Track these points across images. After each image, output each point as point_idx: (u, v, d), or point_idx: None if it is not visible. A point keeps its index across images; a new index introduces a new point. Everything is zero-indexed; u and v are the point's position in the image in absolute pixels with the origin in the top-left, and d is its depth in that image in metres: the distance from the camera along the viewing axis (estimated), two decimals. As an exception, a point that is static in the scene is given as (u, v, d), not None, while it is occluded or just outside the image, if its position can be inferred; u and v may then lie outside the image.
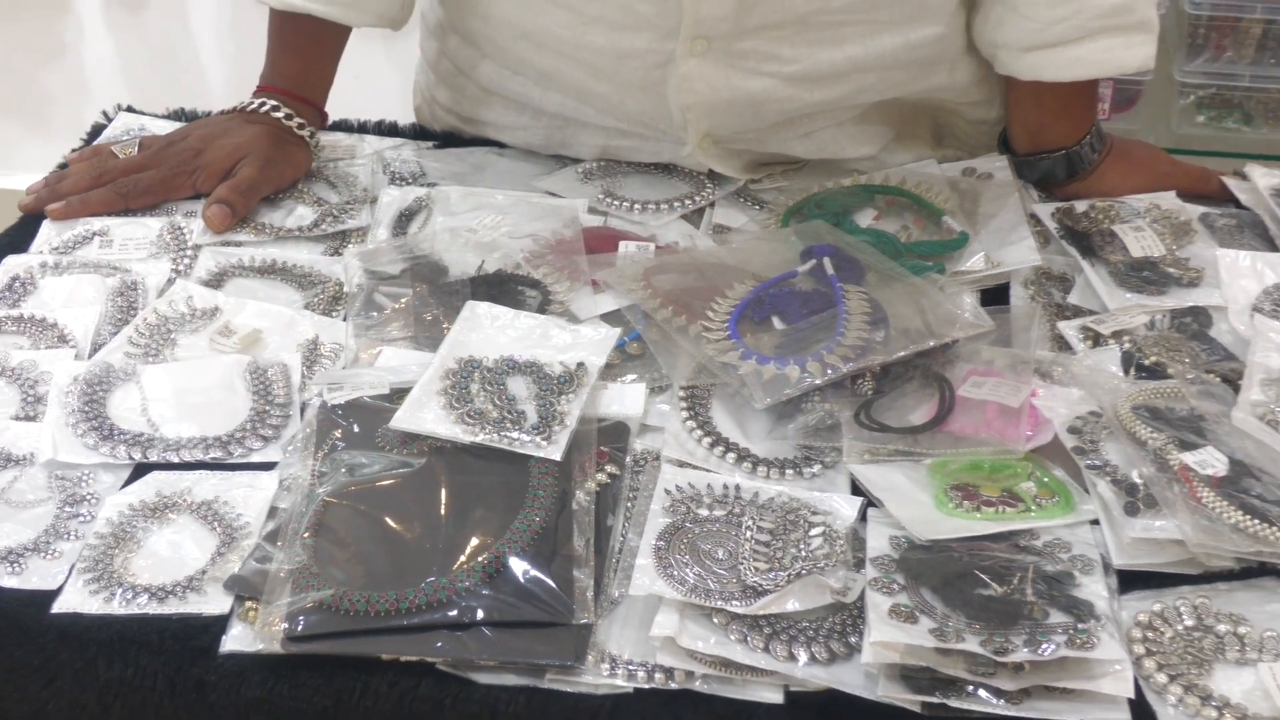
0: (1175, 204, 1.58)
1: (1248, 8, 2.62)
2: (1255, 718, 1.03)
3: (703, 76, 1.52)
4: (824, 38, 1.52)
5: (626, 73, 1.55)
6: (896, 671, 1.05)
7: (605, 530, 1.17)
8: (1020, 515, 1.17)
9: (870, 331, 1.30)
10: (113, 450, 1.24)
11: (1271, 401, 1.28)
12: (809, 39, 1.52)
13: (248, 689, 1.06)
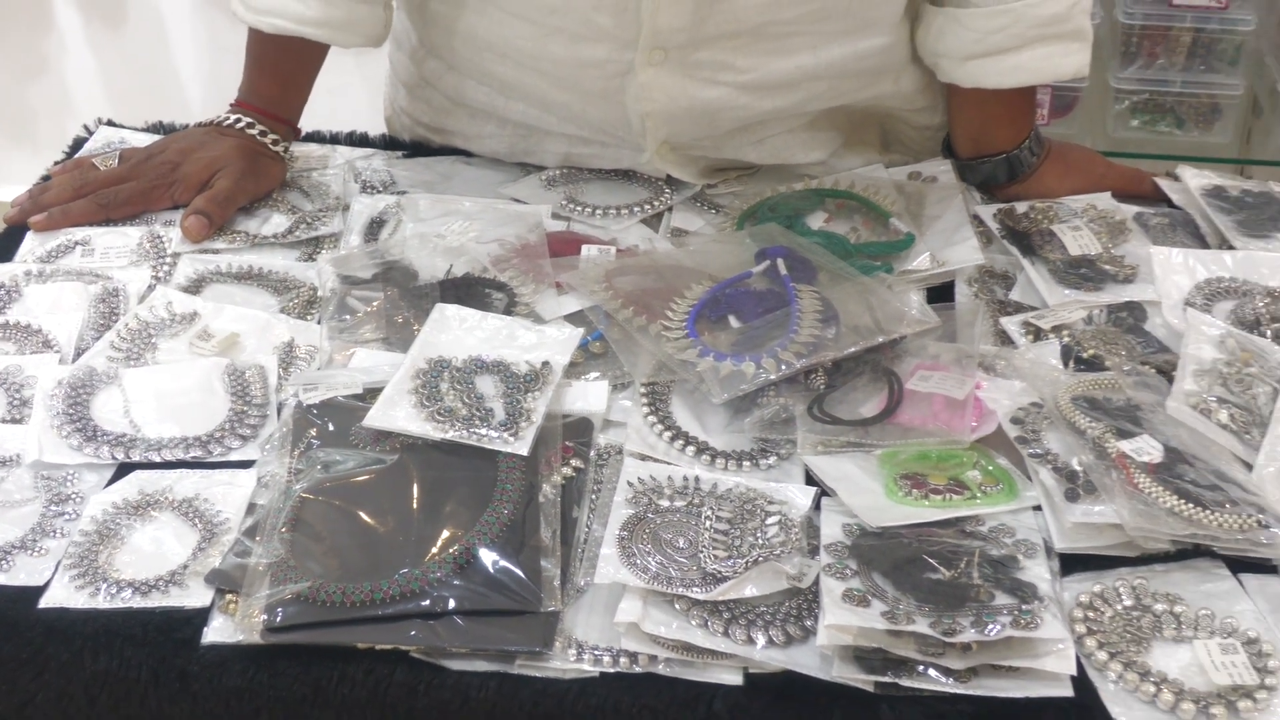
0: (1111, 204, 1.59)
1: (1178, 17, 2.64)
2: (1192, 692, 1.03)
3: (660, 85, 1.52)
4: (776, 48, 1.53)
5: (587, 82, 1.55)
6: (850, 653, 1.06)
7: (571, 522, 1.17)
8: (966, 502, 1.18)
9: (822, 329, 1.30)
10: (96, 451, 1.23)
11: (1204, 391, 1.28)
12: (762, 49, 1.52)
13: (229, 678, 1.06)
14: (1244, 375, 1.31)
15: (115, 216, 1.51)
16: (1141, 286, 1.46)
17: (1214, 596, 1.12)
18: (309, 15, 1.51)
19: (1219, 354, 1.33)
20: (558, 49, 1.52)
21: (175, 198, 1.52)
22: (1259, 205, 1.57)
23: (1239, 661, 1.06)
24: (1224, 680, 1.04)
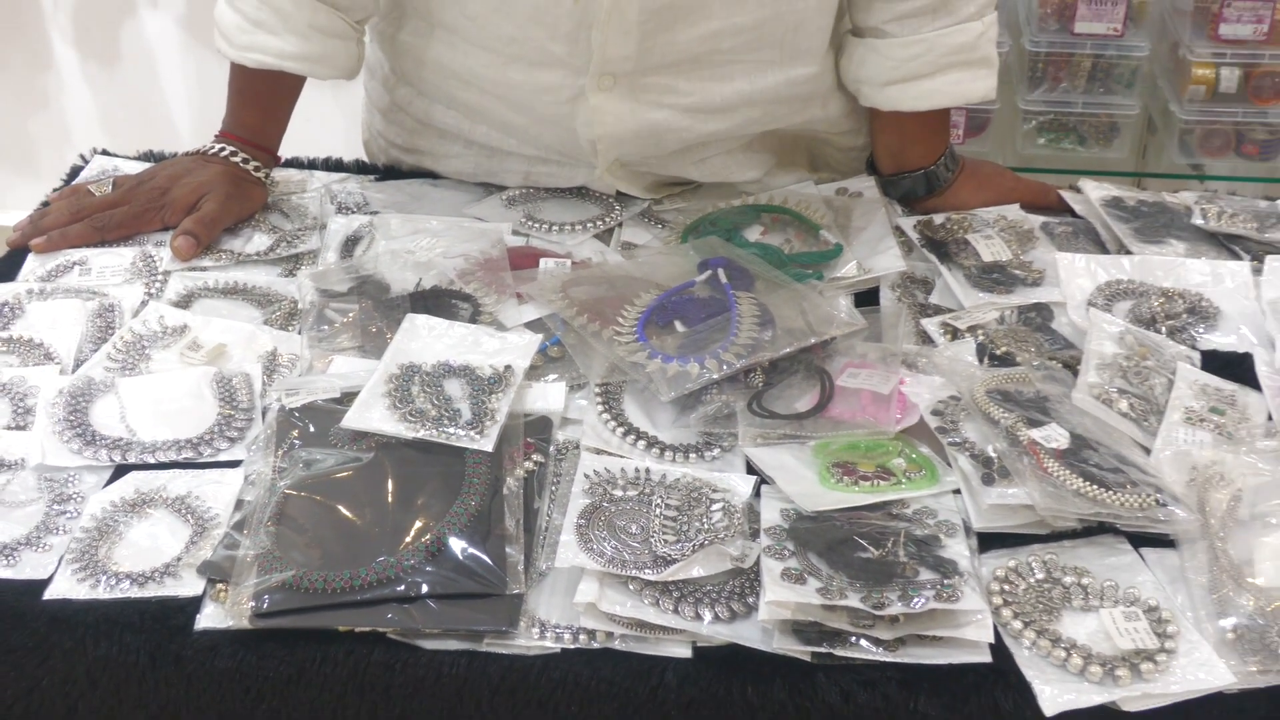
0: (1019, 215, 1.59)
1: (1079, 45, 2.65)
2: (1099, 656, 1.04)
3: (610, 109, 1.52)
4: (715, 74, 1.53)
5: (542, 106, 1.55)
6: (789, 626, 1.06)
7: (533, 511, 1.17)
8: (892, 487, 1.18)
9: (759, 332, 1.30)
10: (95, 454, 1.22)
11: (1106, 383, 1.29)
12: (702, 75, 1.52)
13: (220, 660, 1.06)
14: (1142, 368, 1.32)
15: (110, 238, 1.50)
16: (1048, 289, 1.46)
17: (1117, 569, 1.13)
18: (289, 50, 1.50)
19: (1119, 349, 1.34)
20: (517, 75, 1.52)
21: (165, 220, 1.51)
22: (1153, 214, 1.58)
23: (1141, 628, 1.06)
24: (1127, 645, 1.05)
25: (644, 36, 1.45)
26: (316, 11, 1.49)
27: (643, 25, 1.44)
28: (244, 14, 1.49)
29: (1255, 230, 1.54)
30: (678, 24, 1.46)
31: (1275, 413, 1.29)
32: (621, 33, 1.44)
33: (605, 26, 1.44)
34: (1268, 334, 1.39)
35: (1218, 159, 2.73)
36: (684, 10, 1.45)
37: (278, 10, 1.48)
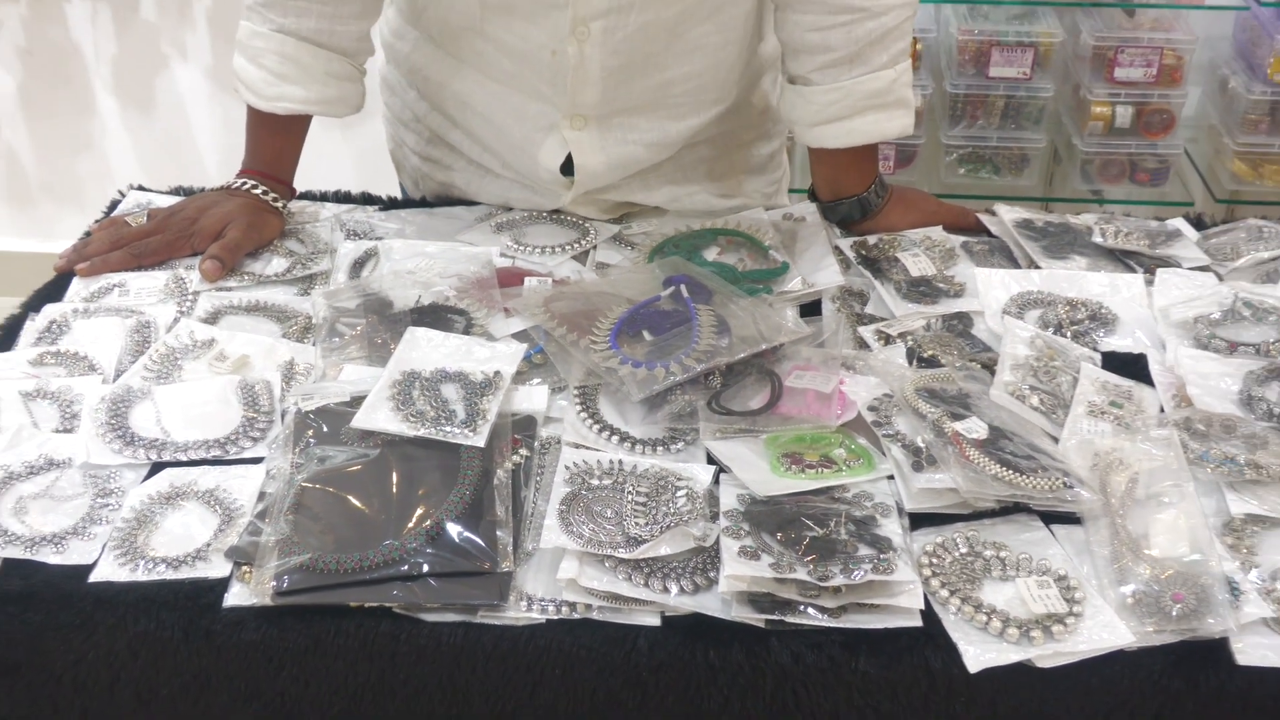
0: (942, 235, 1.59)
1: (993, 87, 2.68)
2: (1015, 619, 1.05)
3: (585, 144, 1.54)
4: (671, 114, 1.56)
5: (519, 132, 1.57)
6: (745, 597, 1.06)
7: (520, 499, 1.16)
8: (834, 474, 1.18)
9: (717, 339, 1.30)
10: (134, 453, 1.21)
11: (1019, 381, 1.30)
12: (660, 116, 1.55)
13: (245, 634, 1.05)
14: (1050, 368, 1.32)
15: (146, 264, 1.49)
16: (968, 300, 1.47)
17: (1031, 543, 1.13)
18: (311, 97, 1.52)
19: (1030, 351, 1.34)
20: (513, 99, 1.56)
21: (194, 247, 1.51)
22: (1059, 234, 1.58)
23: (1052, 594, 1.07)
24: (1040, 609, 1.05)
25: (606, 87, 1.49)
26: (330, 61, 1.51)
27: (604, 78, 1.48)
28: (268, 69, 1.51)
29: (1147, 247, 1.55)
30: (635, 76, 1.50)
31: (1166, 405, 1.29)
32: (588, 83, 1.49)
33: (574, 78, 1.47)
34: (1159, 337, 1.40)
35: (1114, 185, 2.76)
36: (639, 66, 1.49)
37: (299, 64, 1.50)
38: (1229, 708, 1.02)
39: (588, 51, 1.45)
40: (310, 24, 1.49)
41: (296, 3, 1.48)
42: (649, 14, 1.43)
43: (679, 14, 1.45)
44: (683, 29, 1.47)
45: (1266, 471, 1.17)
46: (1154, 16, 2.67)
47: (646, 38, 1.45)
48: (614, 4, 1.41)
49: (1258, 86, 2.64)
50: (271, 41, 1.50)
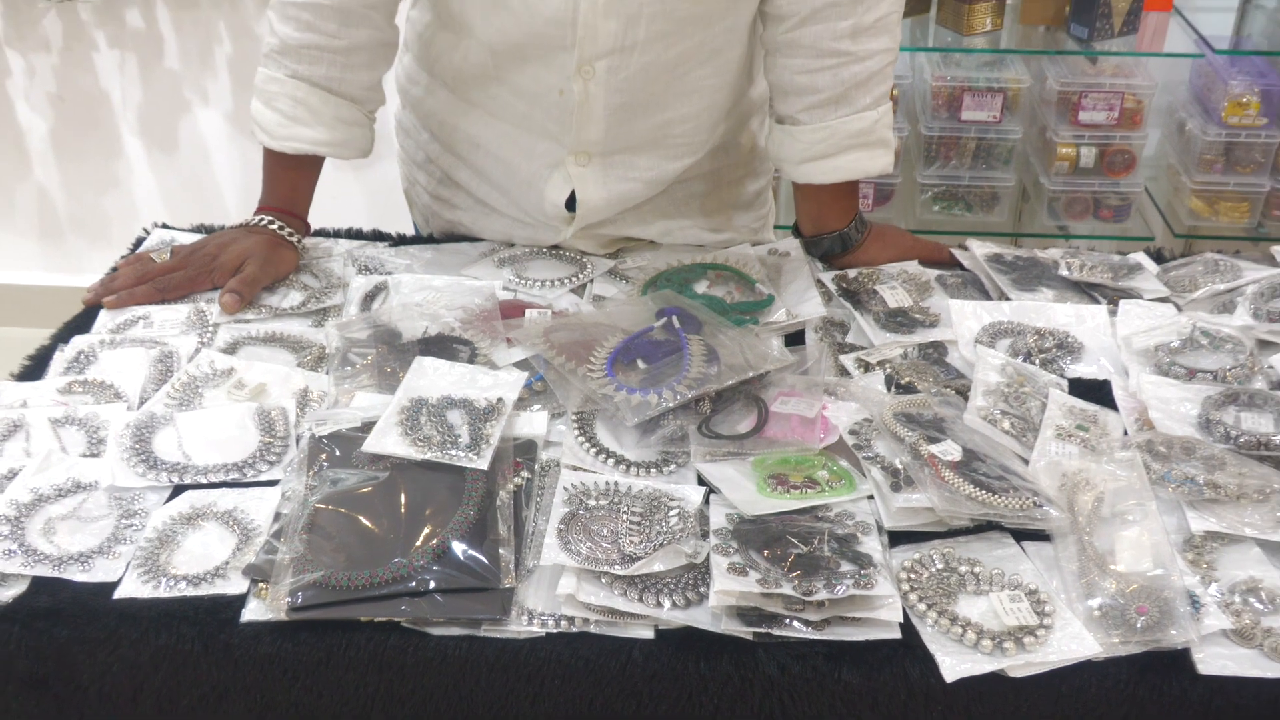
0: (918, 269, 1.60)
1: (965, 129, 2.69)
2: (989, 631, 1.04)
3: (588, 180, 1.55)
4: (668, 154, 1.56)
5: (527, 169, 1.58)
6: (734, 611, 1.06)
7: (521, 519, 1.16)
8: (818, 495, 1.18)
9: (707, 367, 1.30)
10: (157, 476, 1.21)
11: (991, 406, 1.30)
12: (658, 155, 1.55)
13: (262, 647, 1.05)
14: (1020, 393, 1.32)
15: (170, 298, 1.49)
16: (942, 330, 1.47)
17: (1003, 559, 1.13)
18: (320, 139, 1.52)
19: (1001, 378, 1.34)
20: (523, 139, 1.56)
21: (215, 281, 1.51)
22: (1027, 267, 1.59)
23: (1023, 608, 1.07)
24: (1013, 622, 1.05)
25: (609, 125, 1.49)
26: (340, 106, 1.52)
27: (608, 116, 1.49)
28: (281, 112, 1.51)
29: (1110, 279, 1.55)
30: (636, 115, 1.50)
31: (1129, 428, 1.30)
32: (592, 120, 1.49)
33: (578, 115, 1.48)
34: (1122, 364, 1.40)
35: (1079, 221, 2.76)
36: (641, 105, 1.49)
37: (310, 107, 1.50)
38: (1191, 714, 1.02)
39: (592, 90, 1.45)
40: (322, 71, 1.49)
41: (310, 51, 1.48)
42: (650, 55, 1.44)
43: (678, 56, 1.46)
44: (681, 71, 1.48)
45: (1224, 491, 1.17)
46: (1115, 63, 2.69)
47: (648, 78, 1.46)
48: (617, 45, 1.42)
49: (1213, 129, 2.66)
50: (285, 86, 1.50)
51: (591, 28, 1.40)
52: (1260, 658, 1.04)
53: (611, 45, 1.42)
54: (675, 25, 1.42)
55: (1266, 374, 1.37)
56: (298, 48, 1.48)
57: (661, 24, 1.41)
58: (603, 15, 1.39)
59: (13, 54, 3.18)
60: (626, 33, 1.41)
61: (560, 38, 1.42)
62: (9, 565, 1.11)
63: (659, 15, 1.40)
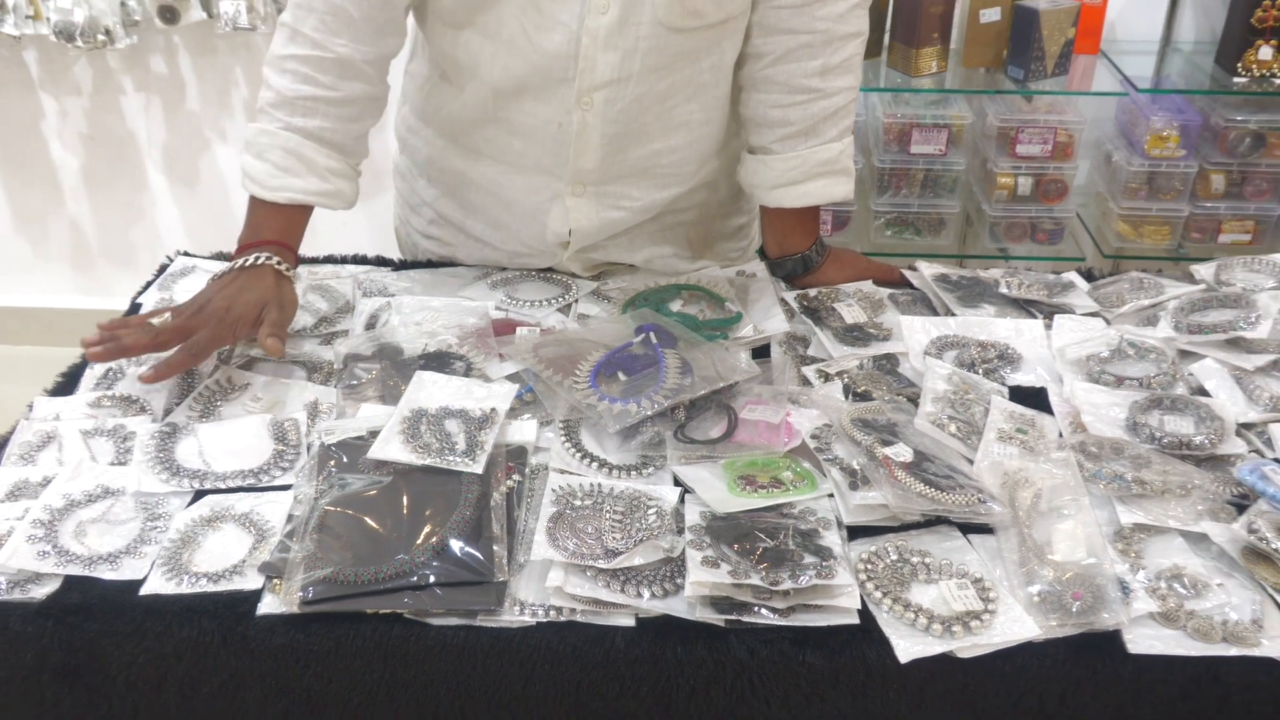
0: (872, 288, 1.60)
1: (914, 162, 2.70)
2: (939, 616, 1.05)
3: (582, 209, 1.54)
4: (656, 184, 1.56)
5: (529, 204, 1.57)
6: (708, 600, 1.06)
7: (514, 518, 1.16)
8: (783, 494, 1.18)
9: (682, 379, 1.30)
10: (179, 482, 1.20)
11: (939, 412, 1.30)
12: (647, 185, 1.55)
13: (276, 638, 1.04)
14: (965, 400, 1.33)
15: (200, 361, 1.38)
16: (895, 343, 1.47)
17: (951, 551, 1.13)
18: (311, 189, 1.43)
19: (948, 386, 1.35)
20: (519, 179, 1.55)
21: (238, 335, 1.40)
22: (971, 286, 1.59)
23: (969, 594, 1.07)
24: (960, 607, 1.05)
25: (604, 155, 1.49)
26: (330, 158, 1.44)
27: (603, 146, 1.48)
28: (273, 163, 1.42)
29: (1046, 296, 1.56)
30: (629, 146, 1.50)
31: (1064, 431, 1.30)
32: (589, 149, 1.48)
33: (576, 145, 1.47)
34: (1057, 373, 1.41)
35: (1017, 244, 2.77)
36: (634, 135, 1.49)
37: (302, 158, 1.42)
38: (1122, 689, 1.03)
39: (590, 120, 1.45)
40: (316, 122, 1.42)
41: (306, 102, 1.41)
42: (643, 87, 1.44)
43: (668, 89, 1.46)
44: (670, 104, 1.48)
45: (1150, 487, 1.18)
46: (1049, 101, 2.70)
47: (640, 109, 1.46)
48: (615, 77, 1.42)
49: (1136, 160, 2.68)
50: (278, 138, 1.42)
51: (592, 60, 1.40)
52: (1184, 638, 1.04)
53: (609, 77, 1.42)
54: (667, 60, 1.42)
55: (1187, 381, 1.38)
56: (294, 99, 1.41)
57: (655, 58, 1.41)
58: (602, 48, 1.39)
59: (47, 97, 3.16)
60: (623, 64, 1.41)
61: (562, 70, 1.41)
62: (43, 565, 1.10)
63: (653, 50, 1.40)
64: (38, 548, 1.12)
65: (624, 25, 1.38)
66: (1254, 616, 1.06)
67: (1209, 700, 1.02)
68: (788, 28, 1.45)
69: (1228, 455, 1.24)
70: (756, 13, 1.45)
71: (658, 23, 1.38)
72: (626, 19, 1.37)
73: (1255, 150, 2.66)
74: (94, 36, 2.85)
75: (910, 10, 2.58)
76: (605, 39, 1.38)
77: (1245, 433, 1.29)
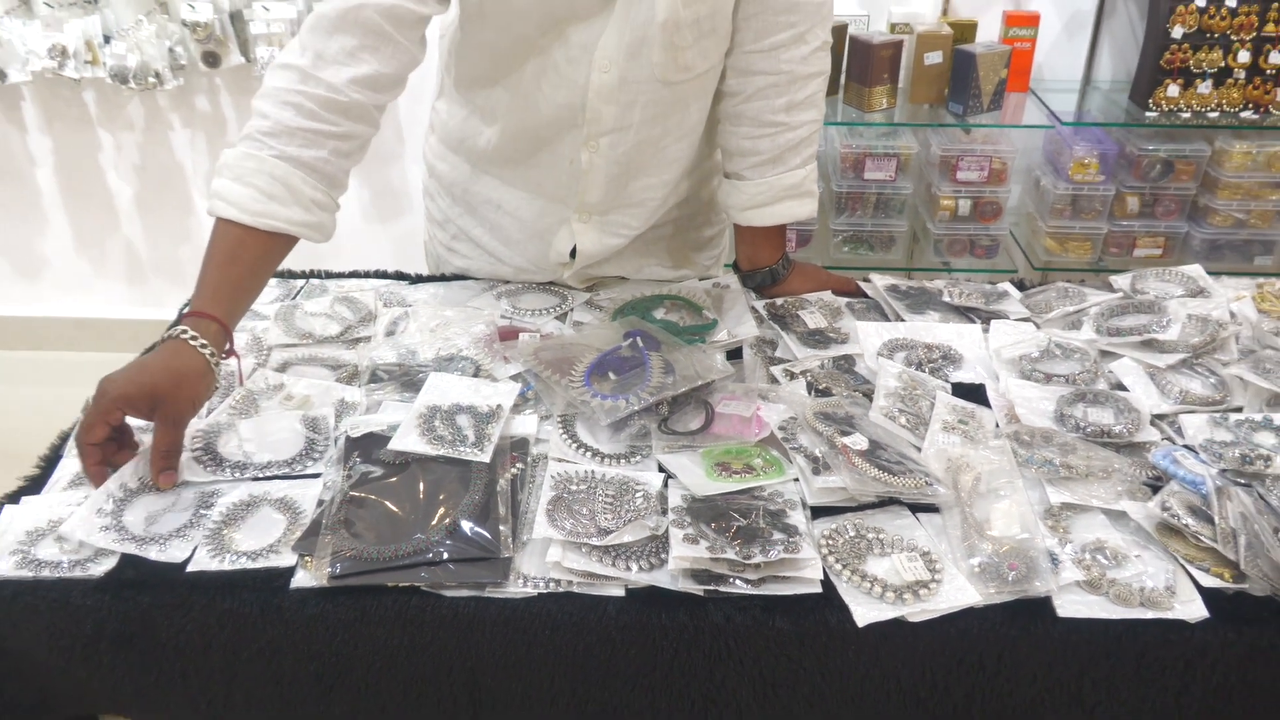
0: (832, 298, 1.60)
1: (868, 186, 2.70)
2: (891, 585, 1.04)
3: (585, 234, 1.54)
4: (651, 214, 1.56)
5: (540, 225, 1.57)
6: (688, 573, 1.05)
7: (517, 501, 1.15)
8: (754, 478, 1.17)
9: (665, 378, 1.29)
10: (222, 472, 1.19)
11: (890, 406, 1.30)
12: (641, 214, 1.55)
13: (308, 609, 1.03)
14: (913, 395, 1.32)
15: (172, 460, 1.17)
16: (851, 346, 1.47)
17: (902, 528, 1.13)
18: (295, 218, 1.26)
19: (898, 383, 1.35)
20: (536, 203, 1.55)
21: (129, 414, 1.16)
22: (918, 295, 1.59)
23: (918, 566, 1.07)
24: (910, 578, 1.05)
25: (608, 188, 1.49)
26: (316, 190, 1.26)
27: (606, 183, 1.48)
28: (257, 188, 1.23)
29: (984, 304, 1.56)
30: (629, 180, 1.50)
31: (1000, 422, 1.30)
32: (595, 185, 1.48)
33: (585, 179, 1.47)
34: (994, 371, 1.40)
35: (959, 258, 2.78)
36: (633, 172, 1.49)
37: (289, 187, 1.24)
38: (1052, 648, 1.02)
39: (596, 161, 1.45)
40: (311, 153, 1.25)
41: (306, 134, 1.24)
42: (642, 134, 1.44)
43: (662, 133, 1.46)
44: (663, 145, 1.48)
45: (1076, 470, 1.18)
46: (985, 133, 2.71)
47: (639, 151, 1.46)
48: (617, 125, 1.42)
49: (1061, 184, 2.68)
50: (266, 164, 1.23)
51: (597, 111, 1.40)
52: (1107, 603, 1.04)
53: (612, 125, 1.42)
54: (662, 110, 1.42)
55: (1107, 378, 1.38)
56: (294, 130, 1.24)
57: (652, 110, 1.42)
58: (605, 102, 1.39)
59: (104, 133, 3.15)
60: (624, 115, 1.41)
61: (570, 119, 1.42)
62: (105, 540, 1.09)
63: (650, 103, 1.41)
64: (101, 522, 1.10)
65: (624, 83, 1.38)
66: (1167, 584, 1.06)
67: (1128, 657, 1.02)
68: (758, 69, 1.45)
69: (1143, 443, 1.24)
70: (731, 56, 1.45)
71: (654, 80, 1.38)
72: (626, 77, 1.37)
73: (1165, 176, 2.67)
74: (145, 79, 2.84)
75: (863, 53, 2.59)
76: (608, 94, 1.38)
77: (1159, 423, 1.29)
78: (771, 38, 1.42)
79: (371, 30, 1.27)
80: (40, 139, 3.16)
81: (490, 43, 1.40)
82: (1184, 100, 2.59)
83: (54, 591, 1.05)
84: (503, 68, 1.42)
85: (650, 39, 1.34)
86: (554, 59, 1.38)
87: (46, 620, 1.04)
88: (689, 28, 1.35)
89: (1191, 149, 2.64)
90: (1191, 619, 1.02)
